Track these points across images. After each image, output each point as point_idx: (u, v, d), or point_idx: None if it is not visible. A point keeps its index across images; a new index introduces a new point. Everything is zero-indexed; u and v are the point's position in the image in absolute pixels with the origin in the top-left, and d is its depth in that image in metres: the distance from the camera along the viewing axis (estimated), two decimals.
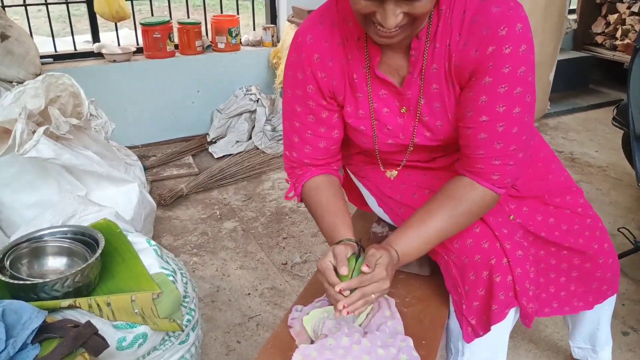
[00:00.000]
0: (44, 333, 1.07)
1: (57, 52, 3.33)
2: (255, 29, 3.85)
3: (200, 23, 3.48)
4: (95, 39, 3.38)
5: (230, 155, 3.31)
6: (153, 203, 2.26)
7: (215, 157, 3.33)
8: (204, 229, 2.60)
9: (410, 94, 1.16)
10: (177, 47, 3.48)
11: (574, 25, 4.62)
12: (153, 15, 3.54)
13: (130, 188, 2.04)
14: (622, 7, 4.42)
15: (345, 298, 1.02)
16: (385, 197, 1.36)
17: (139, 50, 3.43)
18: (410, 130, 1.20)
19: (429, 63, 1.11)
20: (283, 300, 2.11)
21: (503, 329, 1.23)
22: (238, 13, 3.72)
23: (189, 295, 1.47)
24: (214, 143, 3.46)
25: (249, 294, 2.15)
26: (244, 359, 1.84)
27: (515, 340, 1.89)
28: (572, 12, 4.71)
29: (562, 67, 4.10)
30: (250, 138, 3.45)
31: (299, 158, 1.28)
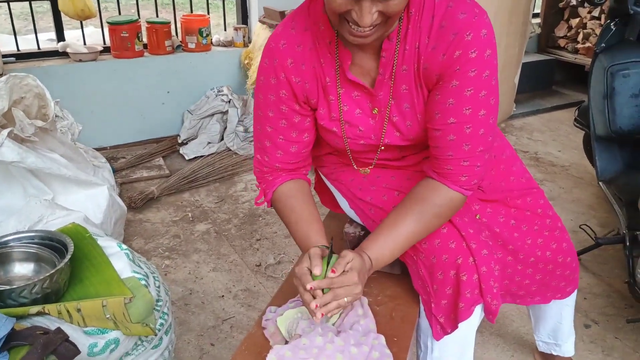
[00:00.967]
0: (12, 341, 1.05)
1: (19, 50, 3.25)
2: (226, 29, 3.83)
3: (170, 22, 3.45)
4: (60, 38, 3.31)
5: (202, 157, 3.29)
6: (123, 206, 2.23)
7: (187, 158, 3.31)
8: (176, 232, 2.59)
9: (382, 95, 1.18)
10: (145, 46, 3.44)
11: (538, 30, 4.74)
12: (120, 14, 3.49)
13: (99, 191, 2.01)
14: (583, 11, 4.56)
15: (318, 298, 1.05)
16: (356, 198, 1.38)
17: (106, 50, 3.37)
18: (381, 131, 1.23)
19: (399, 64, 1.14)
20: (257, 302, 2.12)
21: (470, 326, 1.27)
22: (208, 13, 3.70)
23: (162, 299, 1.46)
24: (185, 144, 3.43)
25: (223, 297, 2.15)
26: None
27: (484, 335, 1.94)
28: (536, 16, 4.83)
29: (527, 69, 4.21)
30: (222, 139, 3.44)
31: (270, 162, 1.29)
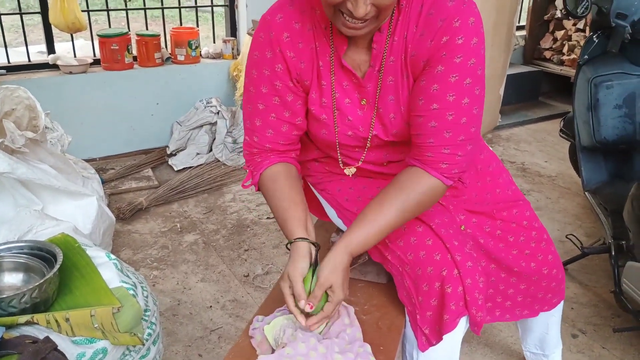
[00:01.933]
0: (1, 350, 1.05)
1: (10, 63, 3.25)
2: (215, 42, 3.86)
3: (159, 35, 3.47)
4: (50, 50, 3.32)
5: (191, 168, 3.30)
6: (112, 217, 2.24)
7: (175, 169, 3.31)
8: (164, 242, 2.59)
9: (370, 87, 1.19)
10: (135, 59, 3.46)
11: (522, 42, 4.82)
12: (110, 27, 3.51)
13: (89, 202, 2.02)
14: (568, 24, 4.65)
15: (309, 322, 1.13)
16: (343, 209, 1.39)
17: (96, 62, 3.39)
18: (369, 123, 1.23)
19: (388, 56, 1.15)
20: (245, 312, 2.12)
21: (455, 337, 1.27)
22: (198, 25, 3.72)
23: (150, 309, 1.46)
24: (174, 155, 3.44)
25: (211, 307, 2.15)
26: None
27: (472, 345, 1.95)
28: (521, 28, 4.91)
29: (513, 81, 4.27)
30: (211, 150, 3.45)
31: (260, 142, 1.26)
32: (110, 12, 3.58)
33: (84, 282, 1.37)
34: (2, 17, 3.21)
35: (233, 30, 3.77)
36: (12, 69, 3.21)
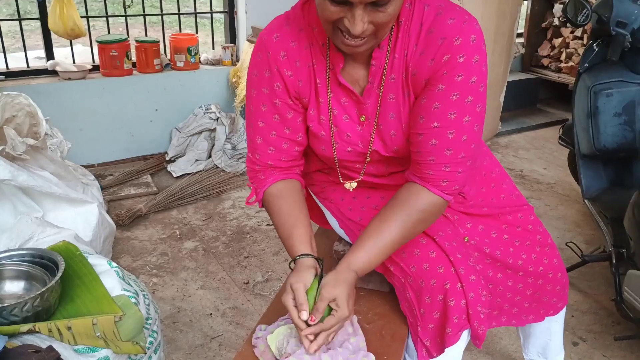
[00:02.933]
0: (4, 359, 1.04)
1: (9, 69, 3.25)
2: (215, 48, 3.86)
3: (159, 41, 3.47)
4: (49, 56, 3.31)
5: (190, 174, 3.29)
6: (112, 224, 2.23)
7: (174, 176, 3.31)
8: (164, 249, 2.58)
9: (369, 104, 1.19)
10: (134, 65, 3.46)
11: (522, 50, 4.84)
12: (109, 33, 3.51)
13: (89, 209, 2.01)
14: (566, 31, 4.67)
15: (311, 342, 1.09)
16: (346, 218, 1.39)
17: (95, 68, 3.39)
18: (368, 139, 1.23)
19: (388, 73, 1.14)
20: (245, 320, 2.11)
21: (457, 350, 1.27)
22: (197, 31, 3.73)
23: (152, 317, 1.46)
24: (173, 162, 3.44)
25: (211, 315, 2.14)
26: None
27: (472, 354, 1.95)
28: (519, 35, 4.94)
29: (511, 88, 4.29)
30: (210, 157, 3.45)
31: (262, 160, 1.26)
32: (109, 18, 3.58)
33: (86, 290, 1.37)
34: (0, 22, 3.21)
35: (232, 37, 3.77)
36: (10, 75, 3.21)
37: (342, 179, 1.36)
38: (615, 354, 1.97)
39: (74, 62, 3.40)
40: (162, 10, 3.71)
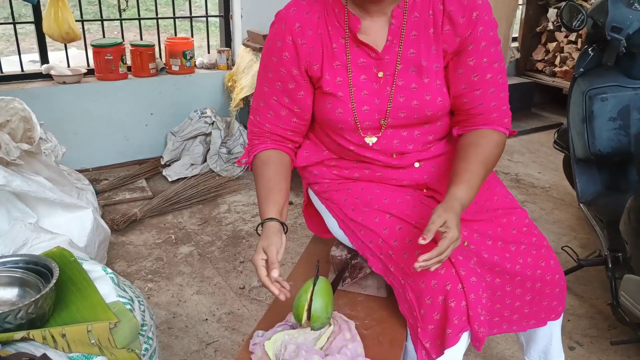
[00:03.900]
0: None
1: (3, 73, 3.23)
2: (210, 52, 3.86)
3: (154, 45, 3.47)
4: (44, 60, 3.30)
5: (185, 179, 3.28)
6: (107, 229, 2.21)
7: (170, 180, 3.29)
8: (159, 254, 2.56)
9: (388, 59, 1.29)
10: (129, 69, 3.44)
11: (518, 55, 4.85)
12: (104, 37, 3.50)
13: (84, 214, 2.00)
14: (560, 35, 4.70)
15: (424, 255, 1.09)
16: (348, 219, 1.39)
17: (90, 72, 3.37)
18: (386, 95, 1.31)
19: (409, 30, 1.27)
20: (241, 325, 2.10)
21: (457, 353, 1.26)
22: (192, 35, 3.72)
23: (147, 323, 1.44)
24: (168, 166, 3.42)
25: (207, 320, 2.12)
26: None
27: (469, 358, 1.95)
28: (514, 40, 4.95)
29: None
30: (205, 161, 3.44)
31: (261, 122, 1.39)
32: (104, 21, 3.57)
33: (80, 296, 1.35)
34: None
35: (228, 41, 3.77)
36: (4, 79, 3.19)
37: (362, 133, 1.37)
38: (612, 359, 1.97)
39: (69, 65, 3.38)
40: (157, 14, 3.71)
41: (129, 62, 3.43)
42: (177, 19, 3.80)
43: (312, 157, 1.46)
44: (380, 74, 1.30)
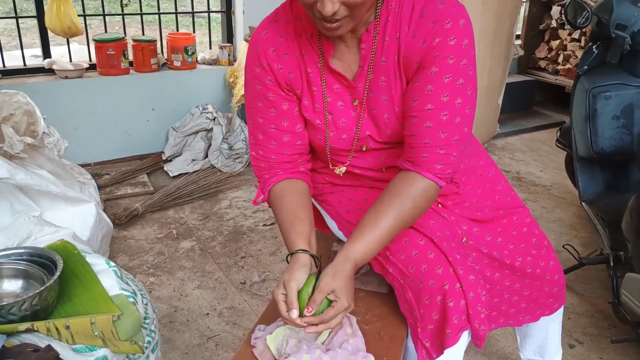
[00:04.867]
0: (3, 358, 1.04)
1: (5, 67, 3.23)
2: (212, 47, 3.86)
3: (156, 41, 3.46)
4: (46, 55, 3.30)
5: (186, 174, 3.29)
6: (110, 223, 2.22)
7: (171, 175, 3.30)
8: (161, 249, 2.57)
9: (361, 87, 1.20)
10: (131, 64, 3.44)
11: (521, 52, 4.84)
12: (106, 32, 3.50)
13: (87, 208, 2.00)
14: (563, 33, 4.69)
15: (305, 319, 1.07)
16: (344, 220, 1.39)
17: (92, 67, 3.37)
18: (363, 123, 1.23)
19: (378, 56, 1.16)
20: (242, 320, 2.10)
21: (457, 352, 1.26)
22: (194, 31, 3.72)
23: (150, 317, 1.45)
24: (170, 161, 3.43)
25: (208, 314, 2.13)
26: None
27: (469, 355, 1.95)
28: (517, 37, 4.94)
29: (508, 90, 4.30)
30: (207, 157, 3.44)
31: (265, 155, 1.28)
32: (106, 16, 3.56)
33: (84, 289, 1.36)
34: None
35: (230, 37, 3.77)
36: (7, 73, 3.19)
37: (331, 165, 1.35)
38: (612, 357, 1.98)
39: (71, 60, 3.38)
40: (159, 9, 3.70)
41: (131, 57, 3.43)
42: (179, 15, 3.79)
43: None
44: (356, 102, 1.22)
